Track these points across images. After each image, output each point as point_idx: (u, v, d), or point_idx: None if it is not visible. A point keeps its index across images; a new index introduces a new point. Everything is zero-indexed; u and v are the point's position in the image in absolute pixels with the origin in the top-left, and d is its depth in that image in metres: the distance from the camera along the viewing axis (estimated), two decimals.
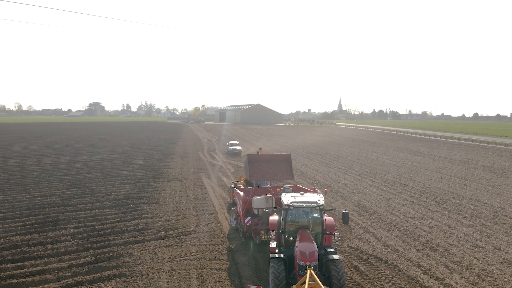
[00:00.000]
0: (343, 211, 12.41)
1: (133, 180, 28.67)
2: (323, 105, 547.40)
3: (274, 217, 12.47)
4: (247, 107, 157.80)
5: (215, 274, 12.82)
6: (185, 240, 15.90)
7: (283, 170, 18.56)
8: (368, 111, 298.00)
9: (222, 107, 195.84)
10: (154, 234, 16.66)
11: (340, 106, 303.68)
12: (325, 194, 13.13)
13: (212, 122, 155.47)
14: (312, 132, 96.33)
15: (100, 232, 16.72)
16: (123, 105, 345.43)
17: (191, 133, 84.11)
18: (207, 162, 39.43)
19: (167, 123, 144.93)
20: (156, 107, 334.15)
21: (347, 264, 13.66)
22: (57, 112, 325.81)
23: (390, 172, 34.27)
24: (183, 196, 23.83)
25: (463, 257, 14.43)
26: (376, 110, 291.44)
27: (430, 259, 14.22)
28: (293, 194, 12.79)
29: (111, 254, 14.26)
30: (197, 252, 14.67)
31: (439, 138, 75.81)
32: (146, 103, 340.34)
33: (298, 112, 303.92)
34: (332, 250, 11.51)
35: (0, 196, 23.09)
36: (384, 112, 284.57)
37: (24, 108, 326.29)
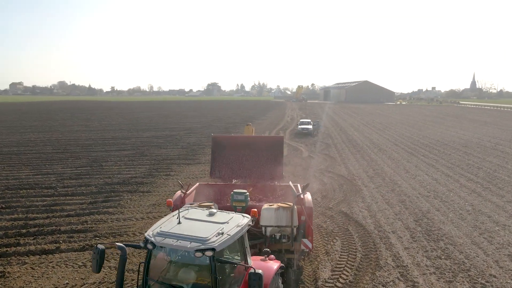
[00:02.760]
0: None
1: (157, 161, 25.08)
2: (451, 83, 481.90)
3: None
4: (353, 84, 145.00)
5: None
6: None
7: (267, 163, 11.91)
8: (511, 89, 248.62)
9: (329, 85, 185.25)
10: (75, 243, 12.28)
11: (473, 83, 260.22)
12: (252, 218, 6.59)
13: (316, 101, 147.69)
14: (422, 112, 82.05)
15: (23, 231, 13.03)
16: (237, 85, 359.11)
17: (281, 111, 78.97)
18: None
19: (268, 102, 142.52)
20: (268, 86, 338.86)
21: None
22: (180, 92, 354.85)
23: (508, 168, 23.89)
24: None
25: None
26: None
27: None
28: (193, 211, 6.75)
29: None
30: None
31: None
32: (259, 83, 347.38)
33: (419, 90, 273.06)
34: None
35: None
36: None
37: (155, 88, 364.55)
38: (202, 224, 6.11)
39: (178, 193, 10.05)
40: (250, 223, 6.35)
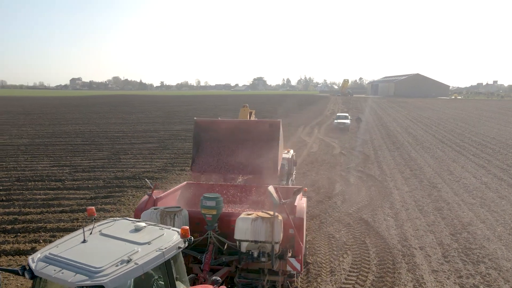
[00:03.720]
0: None
1: (176, 155, 24.02)
2: None
3: None
4: (403, 77, 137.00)
5: None
6: None
7: (260, 155, 9.75)
8: None
9: (377, 79, 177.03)
10: None
11: None
12: (184, 238, 4.75)
13: (362, 95, 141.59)
14: (479, 106, 75.05)
15: (9, 227, 12.25)
16: (283, 79, 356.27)
17: (322, 105, 75.78)
18: (297, 138, 31.84)
19: (313, 96, 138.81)
20: (314, 81, 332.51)
21: None
22: (226, 86, 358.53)
23: None
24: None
25: None
26: None
27: None
28: (120, 223, 5.19)
29: None
30: None
31: None
32: (305, 77, 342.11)
33: (479, 84, 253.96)
34: None
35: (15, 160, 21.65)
36: None
37: (202, 83, 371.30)
38: (113, 244, 4.51)
39: (145, 196, 8.56)
40: (181, 246, 4.64)
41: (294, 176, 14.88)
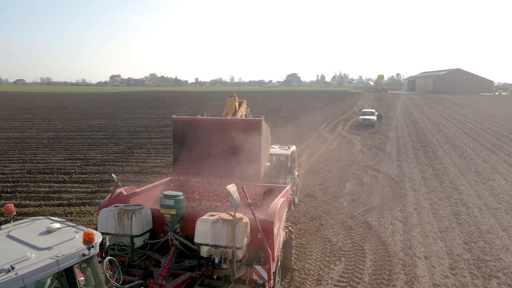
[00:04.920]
0: None
1: None
2: None
3: None
4: (442, 73, 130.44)
5: None
6: None
7: (240, 156, 8.80)
8: None
9: (414, 75, 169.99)
10: None
11: None
12: (87, 245, 3.97)
13: (398, 92, 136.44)
14: None
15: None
16: (317, 75, 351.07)
17: (353, 101, 73.42)
18: (317, 134, 30.71)
19: (345, 92, 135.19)
20: (350, 77, 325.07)
21: None
22: (260, 83, 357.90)
23: None
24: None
25: None
26: None
27: None
28: (38, 224, 4.68)
29: None
30: None
31: None
32: (339, 73, 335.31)
33: None
34: None
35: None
36: None
37: (236, 80, 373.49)
38: (8, 249, 3.96)
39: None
40: (85, 253, 4.01)
41: (297, 173, 13.97)
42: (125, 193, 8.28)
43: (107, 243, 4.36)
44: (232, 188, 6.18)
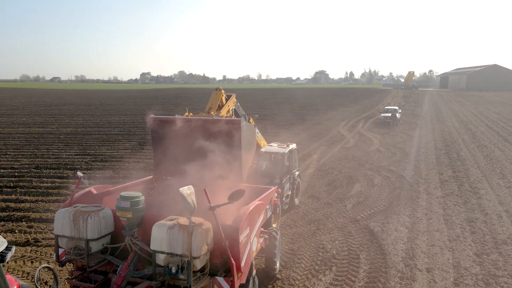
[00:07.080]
0: None
1: None
2: None
3: None
4: (477, 69, 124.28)
5: None
6: None
7: (220, 159, 8.10)
8: None
9: (448, 71, 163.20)
10: None
11: None
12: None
13: (429, 89, 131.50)
14: None
15: None
16: (346, 72, 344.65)
17: (379, 99, 71.07)
18: (335, 132, 29.59)
19: (374, 89, 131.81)
20: (379, 74, 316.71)
21: None
22: (287, 80, 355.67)
23: None
24: None
25: None
26: None
27: None
28: None
29: None
30: None
31: None
32: (369, 70, 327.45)
33: None
34: None
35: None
36: None
37: (263, 77, 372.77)
38: None
39: (81, 191, 7.65)
40: None
41: (297, 173, 13.17)
42: (94, 192, 7.81)
43: (10, 254, 3.83)
44: (187, 190, 5.55)
